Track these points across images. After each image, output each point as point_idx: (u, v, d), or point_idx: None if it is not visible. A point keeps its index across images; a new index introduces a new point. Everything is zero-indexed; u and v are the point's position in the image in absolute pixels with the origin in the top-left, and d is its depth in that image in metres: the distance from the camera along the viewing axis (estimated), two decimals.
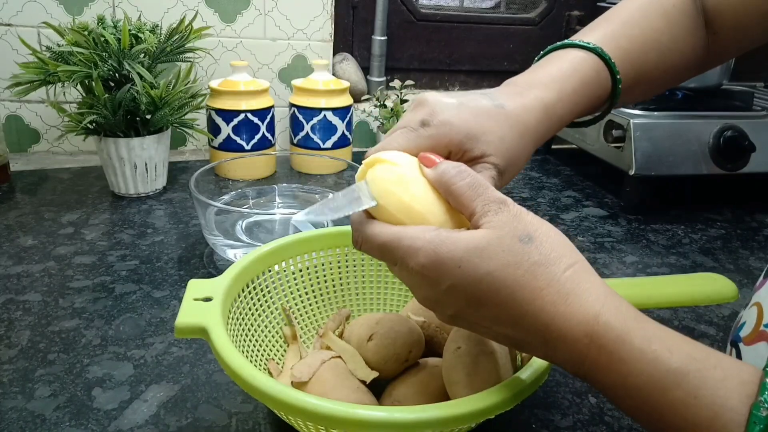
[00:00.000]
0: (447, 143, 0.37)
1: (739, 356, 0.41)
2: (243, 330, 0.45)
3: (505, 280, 0.30)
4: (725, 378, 0.26)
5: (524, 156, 0.40)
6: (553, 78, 0.43)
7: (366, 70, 1.18)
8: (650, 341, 0.28)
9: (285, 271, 0.51)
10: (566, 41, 0.46)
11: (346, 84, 0.99)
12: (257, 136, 0.94)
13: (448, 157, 0.37)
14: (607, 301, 0.30)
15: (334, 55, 1.13)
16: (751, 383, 0.26)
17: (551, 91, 0.42)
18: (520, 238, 0.30)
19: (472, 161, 0.38)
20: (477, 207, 0.32)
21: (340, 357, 0.46)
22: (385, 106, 1.03)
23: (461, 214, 0.34)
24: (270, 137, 0.96)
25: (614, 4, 1.07)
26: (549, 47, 0.47)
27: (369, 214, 0.35)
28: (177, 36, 0.86)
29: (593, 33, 0.46)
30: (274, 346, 0.49)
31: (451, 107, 0.38)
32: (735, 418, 0.26)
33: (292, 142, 1.01)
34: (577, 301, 0.30)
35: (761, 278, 0.43)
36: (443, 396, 0.42)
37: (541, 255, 0.30)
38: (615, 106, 0.47)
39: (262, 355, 0.47)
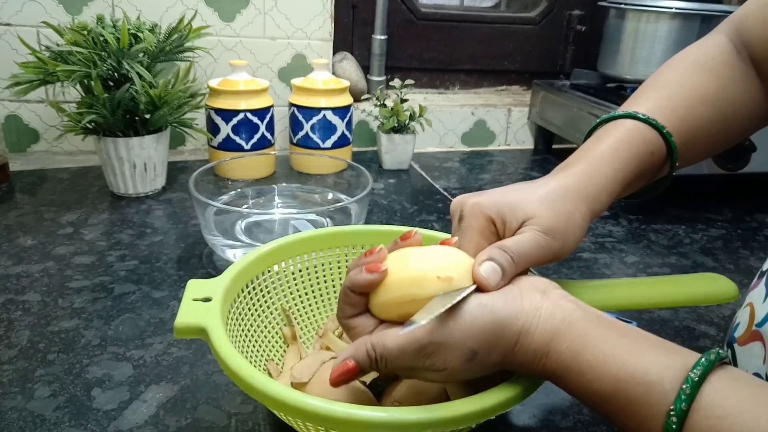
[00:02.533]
0: (484, 220, 0.39)
1: (734, 357, 0.41)
2: (242, 330, 0.45)
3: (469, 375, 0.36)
4: (647, 392, 0.30)
5: (575, 214, 0.40)
6: (584, 147, 0.44)
7: (366, 70, 1.18)
8: (583, 373, 0.33)
9: (285, 271, 0.51)
10: (601, 118, 0.46)
11: (345, 83, 0.99)
12: (257, 136, 0.93)
13: (495, 231, 0.40)
14: (549, 348, 0.34)
15: (333, 54, 1.13)
16: (672, 392, 0.29)
17: (586, 156, 0.42)
18: (466, 359, 0.34)
19: (516, 231, 0.39)
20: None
21: None
22: (385, 106, 1.03)
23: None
24: (269, 137, 0.96)
25: (617, 3, 1.07)
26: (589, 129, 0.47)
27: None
28: (176, 35, 0.85)
29: (631, 105, 0.46)
30: (273, 347, 0.49)
31: (479, 193, 0.41)
32: (654, 426, 0.30)
33: (291, 142, 1.00)
34: (526, 363, 0.35)
35: (756, 278, 0.43)
36: (443, 396, 0.42)
37: (491, 356, 0.35)
38: (678, 164, 0.45)
39: (262, 355, 0.47)
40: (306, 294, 0.53)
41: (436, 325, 0.34)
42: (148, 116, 0.82)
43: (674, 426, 0.28)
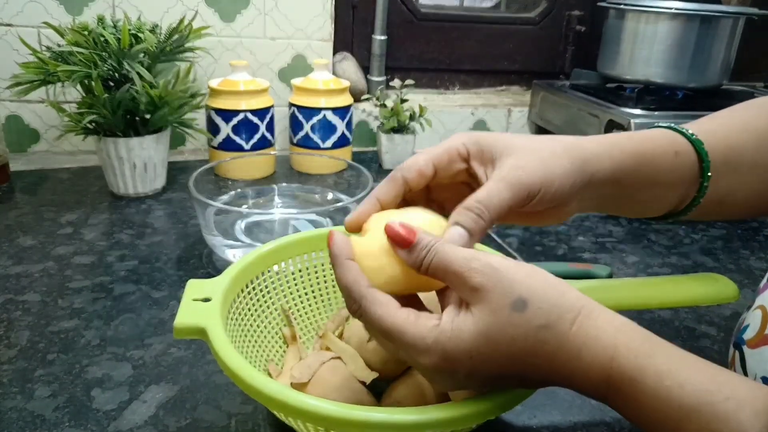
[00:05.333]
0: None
1: (743, 359, 0.41)
2: (242, 331, 0.45)
3: (516, 354, 0.31)
4: (738, 409, 0.27)
5: (556, 147, 0.37)
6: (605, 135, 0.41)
7: (366, 70, 1.18)
8: (662, 378, 0.28)
9: (284, 271, 0.51)
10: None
11: (345, 83, 0.99)
12: (257, 136, 0.93)
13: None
14: (618, 341, 0.30)
15: (333, 54, 1.13)
16: (765, 413, 0.27)
17: (594, 140, 0.40)
18: (514, 307, 0.30)
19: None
20: (459, 286, 0.32)
21: (339, 358, 0.46)
22: (385, 106, 1.03)
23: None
24: (269, 137, 0.96)
25: (616, 4, 1.07)
26: None
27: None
28: (177, 36, 0.85)
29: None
30: (273, 347, 0.49)
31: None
32: None
33: (291, 142, 1.00)
34: (590, 353, 0.30)
35: (765, 281, 0.43)
36: (443, 397, 0.42)
37: (542, 317, 0.30)
38: (711, 175, 0.42)
39: (262, 356, 0.47)
40: (306, 294, 0.53)
41: (487, 258, 0.31)
42: (148, 116, 0.82)
43: None
